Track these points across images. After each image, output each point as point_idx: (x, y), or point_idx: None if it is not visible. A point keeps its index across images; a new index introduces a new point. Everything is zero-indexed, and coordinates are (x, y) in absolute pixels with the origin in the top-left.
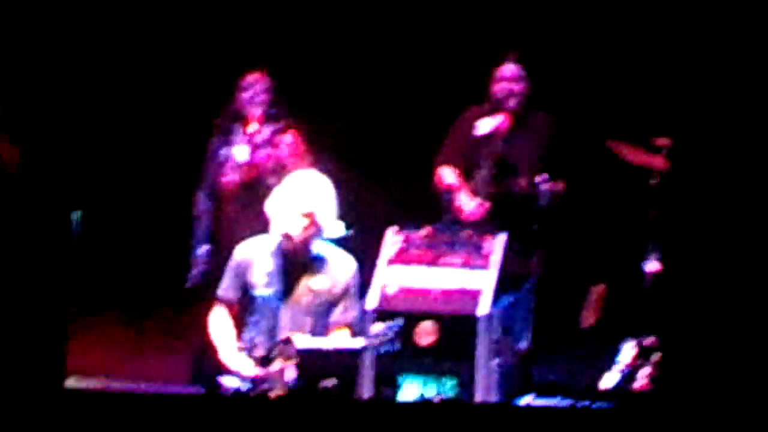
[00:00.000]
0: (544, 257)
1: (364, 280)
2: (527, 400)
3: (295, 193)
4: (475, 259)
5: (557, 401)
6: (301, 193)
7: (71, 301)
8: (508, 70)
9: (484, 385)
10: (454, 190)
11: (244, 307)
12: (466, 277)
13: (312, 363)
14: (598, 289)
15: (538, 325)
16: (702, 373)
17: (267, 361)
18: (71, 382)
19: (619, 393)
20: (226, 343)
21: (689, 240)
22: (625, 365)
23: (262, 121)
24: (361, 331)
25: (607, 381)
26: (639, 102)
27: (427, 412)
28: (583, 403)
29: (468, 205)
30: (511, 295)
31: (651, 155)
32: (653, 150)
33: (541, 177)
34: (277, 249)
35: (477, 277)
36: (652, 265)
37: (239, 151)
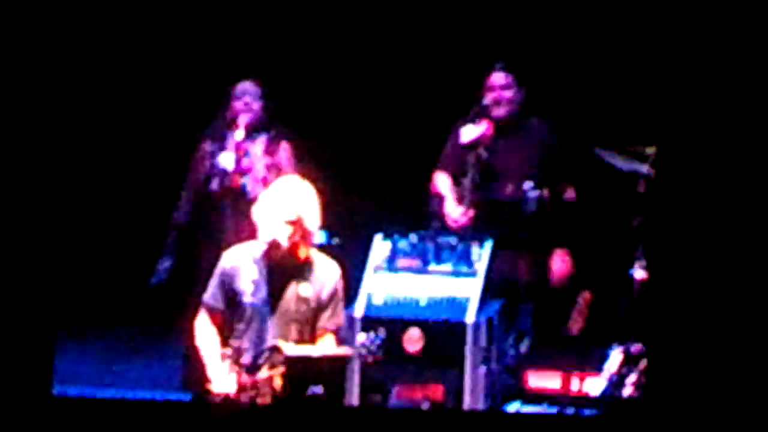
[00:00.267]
0: (532, 264)
1: (352, 287)
2: (514, 407)
3: (281, 199)
4: (462, 267)
5: (544, 408)
6: (288, 199)
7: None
8: (497, 78)
9: (471, 392)
10: (441, 197)
11: (231, 315)
12: (454, 285)
13: (300, 370)
14: (584, 295)
15: (527, 331)
16: (689, 380)
17: (254, 368)
18: (59, 389)
19: (607, 400)
20: (211, 352)
21: (676, 247)
22: (612, 372)
23: (251, 130)
24: (348, 338)
25: (594, 388)
26: (626, 109)
27: (415, 419)
28: (570, 410)
29: (454, 213)
30: (498, 302)
31: (637, 163)
32: (640, 158)
33: (528, 184)
34: (263, 256)
35: (464, 285)
36: (640, 272)
37: (226, 159)
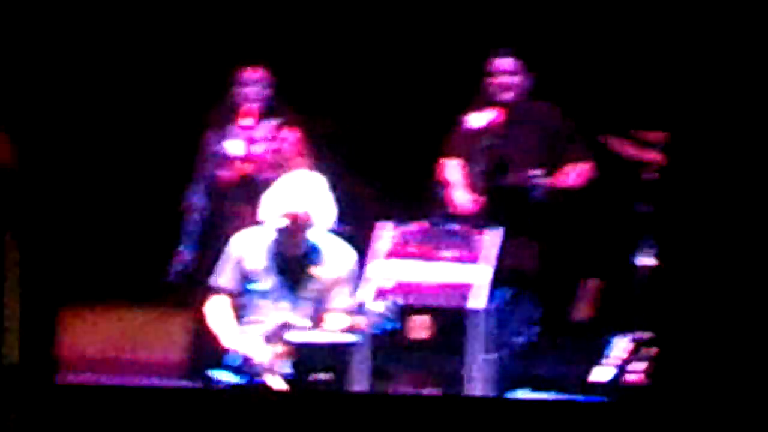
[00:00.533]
0: (539, 251)
1: (359, 273)
2: (521, 394)
3: (290, 194)
4: (469, 254)
5: (552, 395)
6: (297, 194)
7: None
8: (503, 63)
9: (478, 379)
10: (450, 185)
11: (242, 297)
12: (461, 272)
13: (306, 356)
14: (592, 283)
15: (534, 318)
16: (696, 367)
17: (267, 342)
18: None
19: (613, 387)
20: (227, 327)
21: (683, 234)
22: (619, 359)
23: (259, 116)
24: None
25: (601, 375)
26: (633, 96)
27: (421, 405)
28: (577, 398)
29: (462, 200)
30: (507, 289)
31: (645, 150)
32: (647, 145)
33: (537, 171)
34: (274, 239)
35: (471, 272)
36: (646, 260)
37: (234, 146)
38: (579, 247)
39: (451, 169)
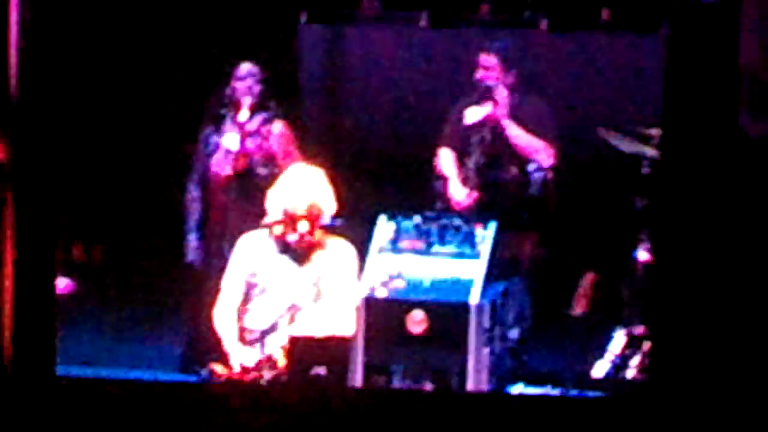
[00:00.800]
0: (536, 245)
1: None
2: (518, 388)
3: (295, 190)
4: (466, 248)
5: (548, 390)
6: (302, 190)
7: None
8: (483, 59)
9: (475, 373)
10: (445, 179)
11: (247, 296)
12: (457, 266)
13: (303, 351)
14: (589, 277)
15: (531, 313)
16: (693, 362)
17: (271, 330)
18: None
19: (610, 382)
20: (230, 333)
21: (680, 229)
22: (616, 354)
23: (254, 110)
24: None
25: (598, 370)
26: (630, 90)
27: (418, 400)
28: (574, 392)
29: (458, 194)
30: (502, 284)
31: (641, 144)
32: (644, 139)
33: (532, 165)
34: (277, 240)
35: (468, 266)
36: (644, 254)
37: (230, 140)
38: (575, 242)
39: (448, 161)
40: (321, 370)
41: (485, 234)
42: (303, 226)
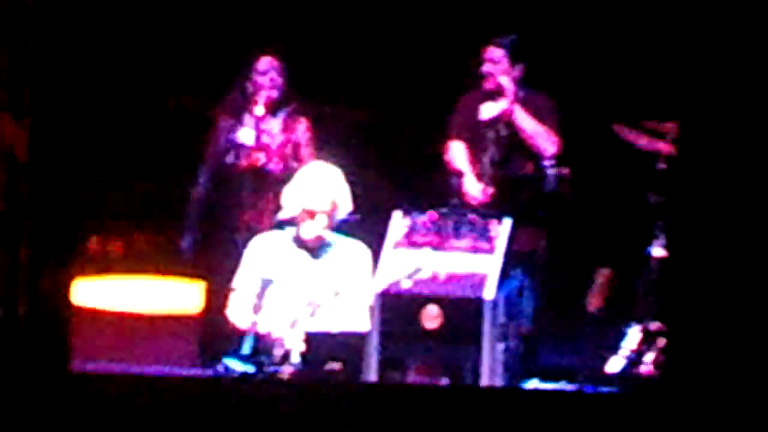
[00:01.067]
0: (550, 240)
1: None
2: (532, 384)
3: (312, 189)
4: (481, 244)
5: (562, 385)
6: (319, 189)
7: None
8: (490, 52)
9: (489, 369)
10: (460, 174)
11: (263, 294)
12: (472, 262)
13: (318, 346)
14: (604, 273)
15: (546, 308)
16: (708, 358)
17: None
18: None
19: (625, 378)
20: (246, 329)
21: (696, 225)
22: (631, 350)
23: (272, 106)
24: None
25: (612, 366)
26: (645, 86)
27: (433, 395)
28: (588, 388)
29: (473, 190)
30: (517, 279)
31: (657, 140)
32: (659, 135)
33: (548, 161)
34: (292, 240)
35: (483, 262)
36: (659, 250)
37: (245, 135)
38: (590, 238)
39: (461, 155)
40: (335, 365)
41: (500, 229)
42: (320, 223)
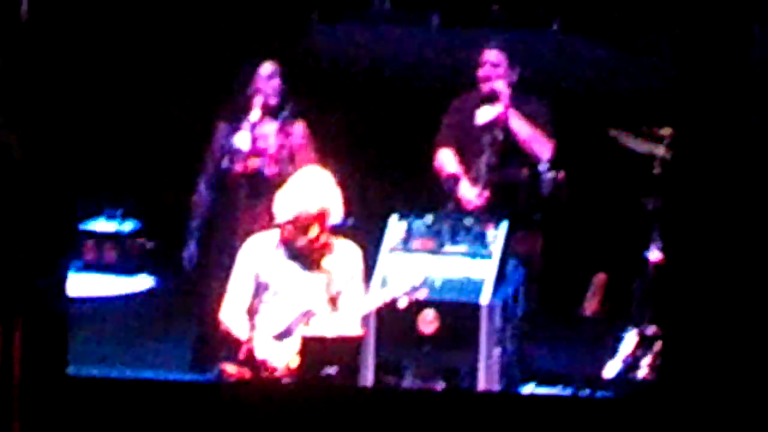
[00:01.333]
0: (546, 244)
1: (367, 268)
2: (529, 388)
3: (303, 194)
4: (477, 248)
5: (559, 390)
6: (310, 192)
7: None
8: (488, 55)
9: (486, 373)
10: (456, 179)
11: (256, 297)
12: (469, 266)
13: (314, 350)
14: (600, 277)
15: (542, 312)
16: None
17: (286, 334)
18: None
19: (622, 382)
20: (241, 334)
21: (692, 229)
22: (627, 354)
23: (268, 111)
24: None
25: (609, 370)
26: (641, 90)
27: (429, 400)
28: (584, 392)
29: (469, 194)
30: (513, 283)
31: (653, 144)
32: (655, 139)
33: (543, 165)
34: (284, 241)
35: (479, 266)
36: (655, 254)
37: (242, 140)
38: (586, 242)
39: (448, 162)
40: (332, 369)
41: (496, 234)
42: (313, 231)
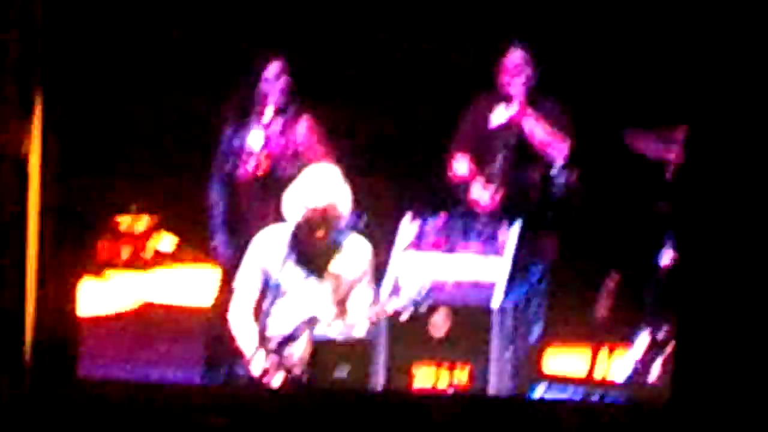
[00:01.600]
0: (559, 247)
1: (379, 267)
2: (540, 391)
3: (312, 189)
4: (490, 249)
5: (570, 393)
6: (319, 188)
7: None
8: (513, 57)
9: (497, 376)
10: (469, 180)
11: (263, 295)
12: (481, 267)
13: (325, 352)
14: (612, 279)
15: (554, 315)
16: (716, 365)
17: (290, 340)
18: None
19: (633, 385)
20: (245, 332)
21: (705, 233)
22: (639, 357)
23: (278, 109)
24: (378, 314)
25: (620, 373)
26: (654, 92)
27: (440, 403)
28: (595, 396)
29: (483, 195)
30: (525, 285)
31: (666, 146)
32: (668, 141)
33: (556, 166)
34: (294, 237)
35: (492, 267)
36: (667, 257)
37: (254, 139)
38: (598, 244)
39: (464, 166)
40: (342, 372)
41: (509, 234)
42: (321, 229)
